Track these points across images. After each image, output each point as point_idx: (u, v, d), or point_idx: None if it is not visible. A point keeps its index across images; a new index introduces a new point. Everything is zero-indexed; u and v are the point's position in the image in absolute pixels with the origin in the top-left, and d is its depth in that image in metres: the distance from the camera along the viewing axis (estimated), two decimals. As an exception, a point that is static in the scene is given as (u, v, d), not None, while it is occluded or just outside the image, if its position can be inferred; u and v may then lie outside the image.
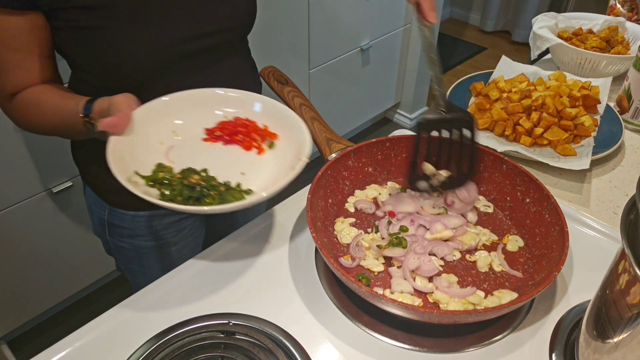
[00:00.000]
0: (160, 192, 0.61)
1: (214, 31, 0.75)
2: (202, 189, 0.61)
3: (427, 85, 2.74)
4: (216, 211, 0.58)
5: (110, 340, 0.62)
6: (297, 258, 0.72)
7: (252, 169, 0.67)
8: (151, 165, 0.64)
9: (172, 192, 0.61)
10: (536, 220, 0.71)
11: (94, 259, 1.71)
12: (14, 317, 1.61)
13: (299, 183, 0.71)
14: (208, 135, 0.70)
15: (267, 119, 0.72)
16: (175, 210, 0.60)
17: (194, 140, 0.70)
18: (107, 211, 0.88)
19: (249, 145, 0.70)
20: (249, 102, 0.72)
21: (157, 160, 0.65)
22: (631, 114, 1.00)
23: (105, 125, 0.59)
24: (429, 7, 0.67)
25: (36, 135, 1.35)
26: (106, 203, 0.87)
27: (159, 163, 0.64)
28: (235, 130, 0.70)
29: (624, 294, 0.45)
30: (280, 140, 0.70)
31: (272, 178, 0.66)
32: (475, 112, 0.97)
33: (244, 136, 0.70)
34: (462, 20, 3.92)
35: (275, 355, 0.58)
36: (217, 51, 0.78)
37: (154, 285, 0.69)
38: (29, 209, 1.46)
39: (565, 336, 0.61)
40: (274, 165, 0.68)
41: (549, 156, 0.88)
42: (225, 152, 0.69)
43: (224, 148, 0.70)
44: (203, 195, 0.61)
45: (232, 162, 0.68)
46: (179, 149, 0.68)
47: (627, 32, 1.21)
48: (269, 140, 0.71)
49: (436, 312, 0.55)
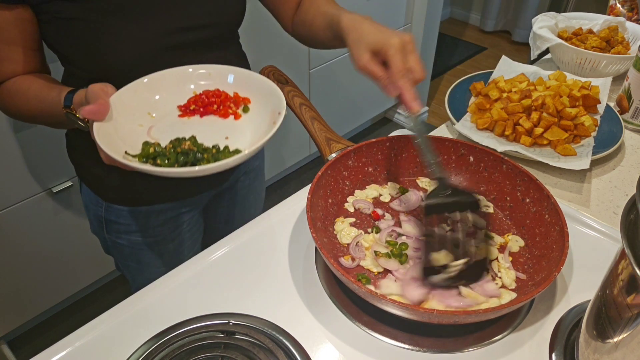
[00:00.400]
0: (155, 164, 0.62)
1: (202, 25, 0.76)
2: (195, 154, 0.63)
3: (427, 85, 2.74)
4: (214, 169, 0.59)
5: (110, 340, 0.62)
6: (297, 258, 0.72)
7: (234, 133, 0.69)
8: (137, 145, 0.65)
9: (168, 162, 0.62)
10: (536, 220, 0.71)
11: (94, 259, 1.71)
12: (14, 317, 1.61)
13: (299, 183, 0.71)
14: (183, 111, 0.72)
15: (236, 87, 0.74)
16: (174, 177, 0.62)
17: (170, 118, 0.71)
18: (104, 208, 0.89)
19: (225, 113, 0.72)
20: (220, 74, 0.74)
21: (142, 140, 0.66)
22: (631, 114, 1.00)
23: (86, 113, 0.60)
24: (410, 98, 0.64)
25: (36, 135, 1.36)
26: (103, 200, 0.88)
27: (145, 141, 0.66)
28: (209, 102, 0.72)
29: (624, 294, 0.45)
30: (253, 103, 0.72)
31: (255, 137, 0.68)
32: (475, 112, 0.97)
33: (218, 106, 0.72)
34: (462, 20, 3.92)
35: (275, 355, 0.58)
36: (205, 45, 0.78)
37: (154, 285, 0.69)
38: (29, 209, 1.46)
39: (565, 336, 0.61)
40: (253, 126, 0.70)
41: (549, 156, 0.88)
42: (204, 123, 0.71)
43: (202, 120, 0.71)
44: (197, 159, 0.63)
45: (214, 130, 0.69)
46: (159, 128, 0.69)
47: (627, 32, 1.21)
48: (242, 105, 0.73)
49: (436, 312, 0.55)
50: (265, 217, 0.79)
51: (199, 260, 0.72)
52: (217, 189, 0.98)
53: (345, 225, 0.74)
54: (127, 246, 0.93)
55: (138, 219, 0.89)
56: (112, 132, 0.63)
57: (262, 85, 0.71)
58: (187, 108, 0.72)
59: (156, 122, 0.70)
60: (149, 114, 0.70)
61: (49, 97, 0.70)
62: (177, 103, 0.72)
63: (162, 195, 0.89)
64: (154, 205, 0.89)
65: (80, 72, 0.75)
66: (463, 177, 0.81)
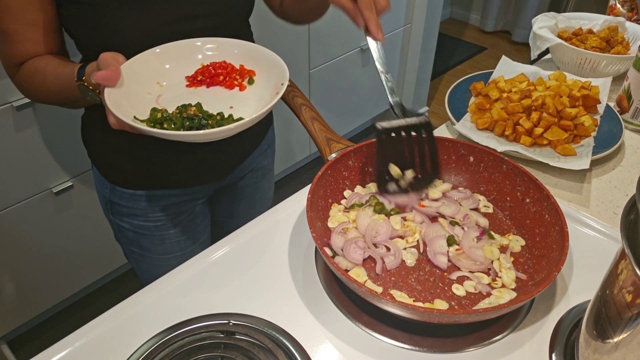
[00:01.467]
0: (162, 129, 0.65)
1: (210, 12, 0.78)
2: (201, 120, 0.66)
3: (427, 85, 2.74)
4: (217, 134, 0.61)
5: (110, 340, 0.62)
6: (297, 258, 0.72)
7: (238, 103, 0.73)
8: (146, 112, 0.68)
9: (174, 127, 0.65)
10: (536, 220, 0.71)
11: (94, 259, 1.71)
12: (14, 317, 1.61)
13: (299, 183, 0.72)
14: (190, 82, 0.75)
15: (242, 59, 0.77)
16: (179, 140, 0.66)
17: (178, 88, 0.74)
18: (109, 189, 0.91)
19: (231, 84, 0.75)
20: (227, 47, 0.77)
21: (150, 107, 0.69)
22: (631, 114, 1.00)
23: (99, 77, 0.63)
24: (374, 27, 0.70)
25: (36, 135, 1.36)
26: (108, 181, 0.91)
27: (153, 107, 0.69)
28: (216, 73, 0.75)
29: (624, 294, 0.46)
30: (257, 75, 0.76)
31: (259, 106, 0.70)
32: (475, 112, 0.97)
33: (224, 77, 0.75)
34: (462, 20, 3.92)
35: (275, 355, 0.58)
36: (215, 33, 0.79)
37: (154, 285, 0.69)
38: (30, 209, 1.46)
39: (565, 336, 0.61)
40: (258, 96, 0.73)
41: (549, 156, 0.88)
42: (210, 93, 0.74)
43: (208, 90, 0.75)
44: (202, 125, 0.66)
45: (219, 100, 0.73)
46: (167, 97, 0.72)
47: (627, 32, 1.21)
48: (247, 77, 0.76)
49: (436, 312, 0.55)
50: (265, 217, 0.79)
51: (199, 260, 0.72)
52: (220, 181, 0.98)
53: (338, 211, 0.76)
54: (130, 230, 0.95)
55: (139, 202, 0.91)
56: (122, 98, 0.66)
57: (267, 58, 0.74)
58: (195, 78, 0.75)
59: (164, 91, 0.73)
60: (158, 83, 0.73)
61: (63, 73, 0.72)
62: (185, 74, 0.75)
63: (162, 181, 0.90)
64: (154, 190, 0.91)
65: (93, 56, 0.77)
66: (463, 177, 0.81)
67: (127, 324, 0.64)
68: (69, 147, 1.46)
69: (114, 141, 0.86)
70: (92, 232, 1.64)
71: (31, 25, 0.72)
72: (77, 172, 1.52)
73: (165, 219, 0.94)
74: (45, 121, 1.37)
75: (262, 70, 0.75)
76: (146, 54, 0.72)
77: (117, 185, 0.90)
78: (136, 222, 0.93)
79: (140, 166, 0.87)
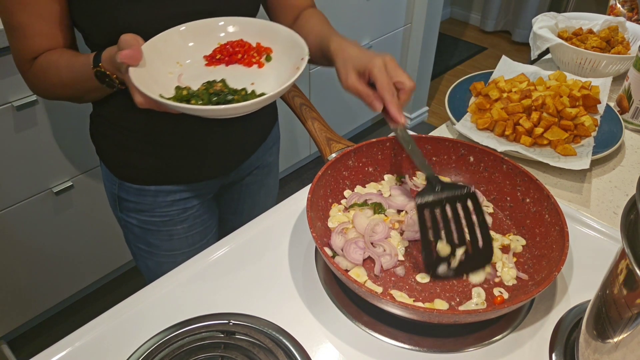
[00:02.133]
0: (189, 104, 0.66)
1: (218, 8, 0.78)
2: (226, 95, 0.68)
3: (427, 85, 2.74)
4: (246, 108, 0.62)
5: (110, 340, 0.62)
6: (297, 258, 0.72)
7: (259, 80, 0.74)
8: (169, 90, 0.69)
9: (201, 103, 0.66)
10: (536, 220, 0.71)
11: (94, 259, 1.71)
12: (14, 317, 1.61)
13: (299, 183, 0.72)
14: (209, 61, 0.76)
15: (259, 38, 0.77)
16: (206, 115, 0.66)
17: (197, 67, 0.75)
18: (117, 185, 0.92)
19: (249, 62, 0.75)
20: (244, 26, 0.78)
21: (172, 86, 0.70)
22: (631, 114, 1.00)
23: (124, 56, 0.63)
24: (395, 111, 0.68)
25: (36, 135, 1.36)
26: (116, 177, 0.91)
27: (177, 85, 0.70)
28: (234, 51, 0.75)
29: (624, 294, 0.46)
30: (275, 52, 0.76)
31: (279, 82, 0.71)
32: (475, 112, 0.97)
33: (242, 55, 0.75)
34: (462, 20, 3.92)
35: (275, 355, 0.58)
36: None
37: (154, 285, 0.69)
38: (30, 209, 1.46)
39: (565, 336, 0.61)
40: (277, 73, 0.74)
41: (549, 156, 0.88)
42: (230, 71, 0.75)
43: (227, 68, 0.75)
44: (227, 100, 0.67)
45: (239, 78, 0.73)
46: (187, 76, 0.73)
47: (627, 32, 1.21)
48: (265, 54, 0.76)
49: (436, 312, 0.55)
50: (265, 217, 0.79)
51: (199, 260, 0.72)
52: (226, 178, 0.98)
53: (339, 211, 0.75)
54: (137, 226, 0.95)
55: (146, 197, 0.92)
56: (147, 77, 0.66)
57: (284, 36, 0.75)
58: (213, 57, 0.75)
59: (184, 70, 0.74)
60: (177, 63, 0.74)
61: (78, 63, 0.73)
62: (203, 53, 0.76)
63: (170, 176, 0.91)
64: (161, 186, 0.91)
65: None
66: (463, 177, 0.81)
67: (127, 324, 0.64)
68: (70, 146, 1.46)
69: (122, 137, 0.87)
70: (92, 232, 1.64)
71: (44, 18, 0.72)
72: (77, 172, 1.52)
73: (172, 215, 0.95)
74: (45, 121, 1.37)
75: (280, 48, 0.76)
76: (169, 32, 0.73)
77: (124, 180, 0.91)
78: (143, 218, 0.94)
79: (147, 161, 0.88)
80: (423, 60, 2.54)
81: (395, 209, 0.76)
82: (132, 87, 0.63)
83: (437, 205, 0.66)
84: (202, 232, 1.01)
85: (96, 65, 0.70)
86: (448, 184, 0.68)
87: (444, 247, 0.65)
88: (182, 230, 0.97)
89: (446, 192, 0.67)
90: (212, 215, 1.04)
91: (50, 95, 0.81)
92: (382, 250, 0.69)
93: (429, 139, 0.81)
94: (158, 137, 0.86)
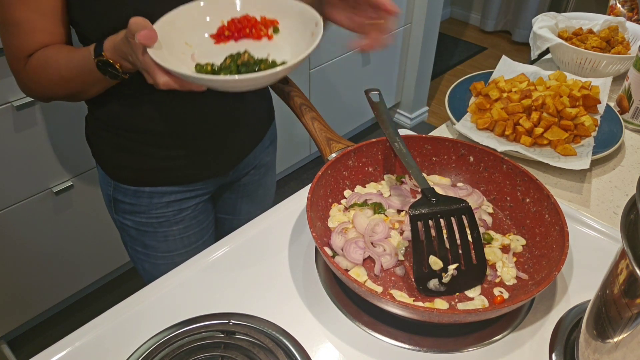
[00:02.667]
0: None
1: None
2: (254, 65, 0.67)
3: (427, 85, 2.74)
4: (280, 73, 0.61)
5: (110, 340, 0.62)
6: (297, 258, 0.72)
7: (273, 50, 0.73)
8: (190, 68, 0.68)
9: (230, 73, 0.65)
10: (536, 220, 0.71)
11: (94, 259, 1.71)
12: (14, 317, 1.61)
13: (299, 183, 0.72)
14: (217, 38, 0.74)
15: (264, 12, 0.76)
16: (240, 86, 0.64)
17: (207, 45, 0.74)
18: (112, 187, 0.92)
19: (258, 35, 0.74)
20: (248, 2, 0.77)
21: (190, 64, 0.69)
22: (631, 114, 1.00)
23: (142, 36, 0.61)
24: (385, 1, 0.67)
25: (36, 135, 1.36)
26: (111, 179, 0.91)
27: (197, 63, 0.69)
28: (241, 27, 0.74)
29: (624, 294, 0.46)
30: (284, 24, 0.75)
31: (295, 50, 0.71)
32: (475, 112, 0.97)
33: (249, 29, 0.74)
34: (462, 20, 3.92)
35: (275, 355, 0.58)
36: None
37: (154, 285, 0.69)
38: (30, 209, 1.46)
39: (565, 336, 0.61)
40: (290, 42, 0.73)
41: (549, 156, 0.88)
42: (242, 46, 0.74)
43: (238, 44, 0.74)
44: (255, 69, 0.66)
45: (253, 50, 0.72)
46: (201, 54, 0.72)
47: (627, 32, 1.21)
48: (271, 27, 0.75)
49: (436, 312, 0.55)
50: (265, 217, 0.79)
51: (199, 260, 0.72)
52: (223, 178, 0.98)
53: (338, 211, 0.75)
54: (133, 228, 0.95)
55: (142, 198, 0.91)
56: (167, 56, 0.65)
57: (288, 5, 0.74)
58: (221, 35, 0.74)
59: (195, 50, 0.72)
60: (186, 44, 0.72)
61: (77, 56, 0.72)
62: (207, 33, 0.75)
63: (165, 178, 0.90)
64: (157, 187, 0.91)
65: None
66: (463, 177, 0.81)
67: (127, 324, 0.64)
68: (69, 146, 1.46)
69: (117, 139, 0.86)
70: (92, 232, 1.64)
71: (43, 14, 0.72)
72: (77, 172, 1.52)
73: (168, 216, 0.94)
74: (45, 121, 1.37)
75: (286, 18, 0.75)
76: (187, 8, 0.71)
77: (120, 182, 0.90)
78: (139, 219, 0.94)
79: (143, 163, 0.88)
80: (423, 60, 2.54)
81: (395, 209, 0.76)
82: (154, 68, 0.61)
83: (431, 217, 0.64)
84: (198, 233, 1.01)
85: (98, 56, 0.69)
86: (443, 197, 0.67)
87: (436, 261, 0.64)
88: (178, 232, 0.97)
89: (440, 206, 0.65)
90: (209, 216, 1.04)
91: (47, 93, 0.79)
92: (382, 250, 0.69)
93: (429, 139, 0.81)
94: (153, 139, 0.85)
